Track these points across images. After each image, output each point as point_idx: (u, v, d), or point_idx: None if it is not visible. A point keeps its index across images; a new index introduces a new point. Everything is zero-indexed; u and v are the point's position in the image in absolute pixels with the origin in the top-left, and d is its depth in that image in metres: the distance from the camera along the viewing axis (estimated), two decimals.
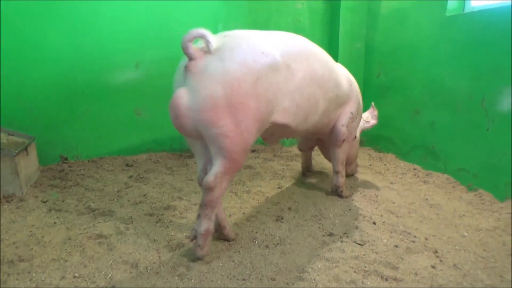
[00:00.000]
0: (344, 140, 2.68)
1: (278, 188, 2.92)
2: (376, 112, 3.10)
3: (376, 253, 1.99)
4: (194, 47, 1.75)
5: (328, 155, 3.01)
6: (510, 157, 2.55)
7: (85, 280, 1.74)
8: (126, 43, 3.46)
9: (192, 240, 2.01)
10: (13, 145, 2.75)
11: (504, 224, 2.30)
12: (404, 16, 3.60)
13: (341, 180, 2.75)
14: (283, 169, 3.39)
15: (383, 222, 2.35)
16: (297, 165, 3.49)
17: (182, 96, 1.72)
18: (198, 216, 1.88)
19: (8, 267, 1.83)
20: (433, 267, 1.86)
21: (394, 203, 2.66)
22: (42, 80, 3.24)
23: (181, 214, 2.43)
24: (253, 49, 1.85)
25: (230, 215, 2.42)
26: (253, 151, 3.92)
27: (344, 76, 2.60)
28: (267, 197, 2.74)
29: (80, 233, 2.16)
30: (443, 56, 3.18)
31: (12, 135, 2.96)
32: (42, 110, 3.28)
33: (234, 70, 1.74)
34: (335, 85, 2.40)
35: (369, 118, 3.09)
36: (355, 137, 2.88)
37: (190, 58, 1.74)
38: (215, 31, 3.72)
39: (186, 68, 1.74)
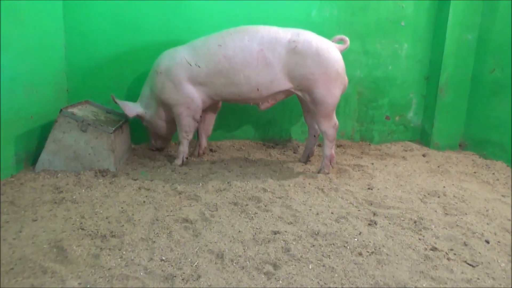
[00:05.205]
0: None
1: (369, 189, 2.68)
2: None
3: (493, 278, 1.69)
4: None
5: None
6: None
7: (172, 265, 1.71)
8: None
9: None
10: (110, 122, 2.86)
11: None
12: None
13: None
14: (373, 168, 3.12)
15: (498, 242, 2.01)
16: (388, 165, 3.20)
17: None
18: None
19: (101, 241, 1.88)
20: None
21: (509, 220, 2.27)
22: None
23: (265, 206, 2.33)
24: None
25: (317, 213, 2.26)
26: (338, 146, 3.69)
27: None
28: (357, 198, 2.52)
29: (168, 215, 2.16)
30: None
31: (110, 113, 3.10)
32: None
33: None
34: None
35: None
36: None
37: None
38: (309, 15, 3.51)
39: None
